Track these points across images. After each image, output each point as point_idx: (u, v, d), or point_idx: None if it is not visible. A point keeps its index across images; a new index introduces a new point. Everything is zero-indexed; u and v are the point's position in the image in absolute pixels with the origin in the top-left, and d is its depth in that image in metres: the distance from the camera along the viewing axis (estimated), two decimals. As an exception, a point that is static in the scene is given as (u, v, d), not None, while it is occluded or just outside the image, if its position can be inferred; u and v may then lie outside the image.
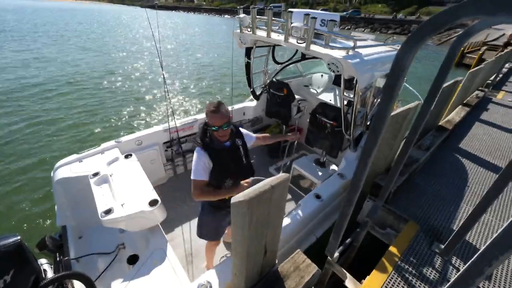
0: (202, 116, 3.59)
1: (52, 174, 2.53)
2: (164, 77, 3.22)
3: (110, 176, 2.35)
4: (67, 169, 2.53)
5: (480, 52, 12.13)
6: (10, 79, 9.28)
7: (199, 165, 1.64)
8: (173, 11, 74.73)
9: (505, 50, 11.75)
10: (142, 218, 1.99)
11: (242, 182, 1.69)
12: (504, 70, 9.18)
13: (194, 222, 2.97)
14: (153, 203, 2.02)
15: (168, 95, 3.34)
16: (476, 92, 6.38)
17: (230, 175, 1.75)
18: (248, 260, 1.21)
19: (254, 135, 2.04)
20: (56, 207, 2.53)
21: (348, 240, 2.24)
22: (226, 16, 60.59)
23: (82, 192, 2.43)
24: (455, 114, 4.72)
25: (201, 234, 2.12)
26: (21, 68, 10.68)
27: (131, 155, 2.68)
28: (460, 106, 5.20)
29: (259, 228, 1.08)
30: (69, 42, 17.22)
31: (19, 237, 1.32)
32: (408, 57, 0.96)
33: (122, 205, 2.01)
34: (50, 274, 1.90)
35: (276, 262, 1.53)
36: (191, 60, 14.55)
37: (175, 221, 2.97)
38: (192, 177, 1.65)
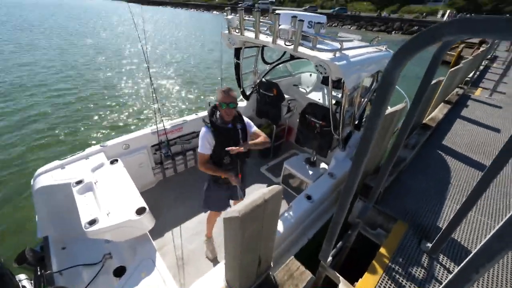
0: (191, 117, 3.53)
1: (32, 182, 2.39)
2: (150, 77, 3.10)
3: (95, 183, 2.25)
4: (49, 176, 2.39)
5: (459, 50, 12.57)
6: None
7: (204, 141, 1.93)
8: (160, 7, 72.39)
9: (480, 48, 12.27)
10: (129, 227, 1.91)
11: (234, 179, 1.98)
12: (481, 67, 9.59)
13: (185, 226, 2.93)
14: (140, 211, 1.95)
15: (156, 95, 3.21)
16: (456, 89, 6.63)
17: (228, 153, 1.98)
18: (241, 271, 1.18)
19: (254, 129, 2.17)
20: (36, 217, 2.39)
21: (339, 244, 2.26)
22: (214, 12, 60.17)
23: (64, 201, 2.30)
24: (438, 111, 4.88)
25: (206, 206, 2.40)
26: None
27: (117, 160, 2.58)
28: (442, 104, 5.38)
29: (252, 241, 1.06)
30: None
31: None
32: (397, 71, 1.00)
33: (107, 214, 1.93)
34: (30, 291, 1.80)
35: (271, 268, 1.51)
36: (180, 60, 14.17)
37: (165, 226, 2.88)
38: (198, 151, 1.98)
